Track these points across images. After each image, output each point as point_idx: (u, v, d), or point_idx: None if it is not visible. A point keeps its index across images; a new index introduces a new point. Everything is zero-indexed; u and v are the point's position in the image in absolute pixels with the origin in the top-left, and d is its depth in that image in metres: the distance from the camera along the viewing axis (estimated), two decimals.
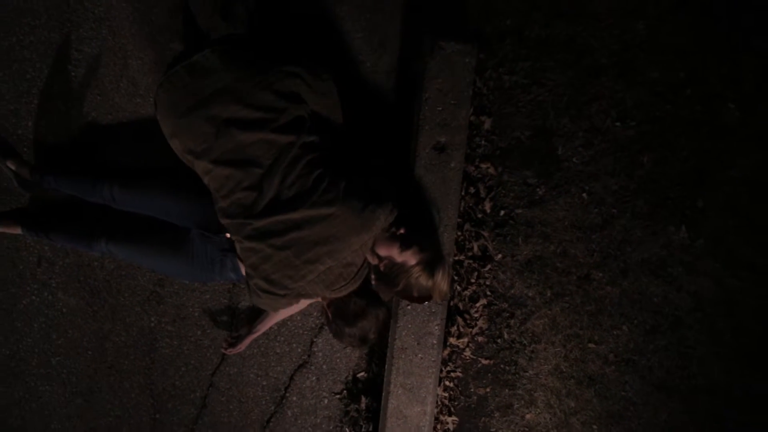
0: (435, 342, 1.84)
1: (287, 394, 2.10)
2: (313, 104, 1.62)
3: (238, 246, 1.59)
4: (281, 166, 1.51)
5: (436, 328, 1.83)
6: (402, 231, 1.58)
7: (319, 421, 2.10)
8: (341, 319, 1.70)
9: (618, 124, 2.00)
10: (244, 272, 1.73)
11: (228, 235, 1.72)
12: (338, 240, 1.52)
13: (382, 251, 1.56)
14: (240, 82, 1.55)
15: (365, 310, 1.69)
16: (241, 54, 1.62)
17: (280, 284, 1.56)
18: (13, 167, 1.91)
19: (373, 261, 1.58)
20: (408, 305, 1.83)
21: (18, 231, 1.95)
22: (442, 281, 1.65)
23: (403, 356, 1.84)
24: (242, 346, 1.97)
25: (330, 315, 1.73)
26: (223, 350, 1.98)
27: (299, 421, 2.11)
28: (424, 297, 1.69)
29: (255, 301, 1.67)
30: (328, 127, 1.66)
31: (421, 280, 1.61)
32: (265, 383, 2.10)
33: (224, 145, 1.52)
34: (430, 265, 1.62)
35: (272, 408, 2.11)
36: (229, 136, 1.51)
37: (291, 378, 2.10)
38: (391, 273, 1.56)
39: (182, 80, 1.57)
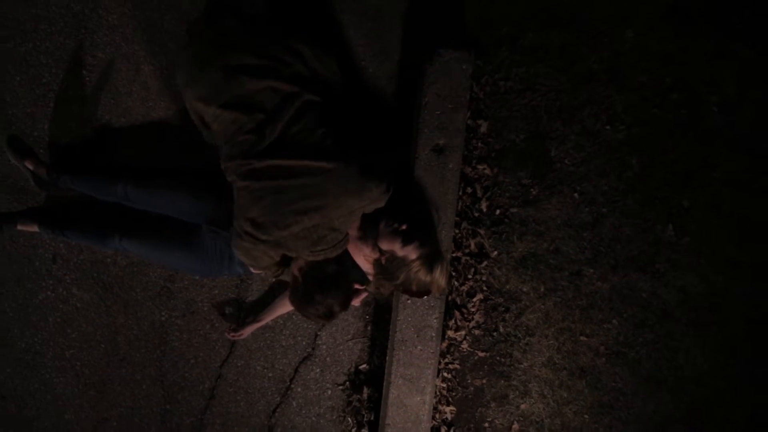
0: (434, 335, 1.91)
1: (292, 386, 2.17)
2: (317, 69, 1.66)
3: (234, 188, 1.59)
4: (285, 114, 1.53)
5: (435, 321, 1.91)
6: (404, 227, 1.65)
7: (322, 411, 2.17)
8: (314, 283, 1.64)
9: (608, 127, 2.06)
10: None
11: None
12: (328, 197, 1.52)
13: (385, 245, 1.64)
14: (254, 36, 1.63)
15: (338, 278, 1.65)
16: (259, 22, 1.74)
17: (264, 229, 1.54)
18: (31, 167, 1.98)
19: (375, 255, 1.65)
20: (408, 299, 1.91)
21: (35, 229, 2.02)
22: (440, 276, 1.73)
23: (403, 348, 1.91)
24: (246, 333, 2.04)
25: (301, 278, 1.66)
26: (227, 334, 2.05)
27: (304, 411, 2.18)
28: (423, 291, 1.76)
29: (236, 249, 1.63)
30: (332, 98, 1.68)
31: (420, 274, 1.68)
32: (271, 375, 2.17)
33: (232, 90, 1.55)
34: (429, 261, 1.69)
35: (278, 399, 2.18)
36: (238, 82, 1.55)
37: (296, 370, 2.17)
38: (392, 267, 1.63)
39: (203, 36, 1.68)
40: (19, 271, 2.11)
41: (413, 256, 1.66)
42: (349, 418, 2.14)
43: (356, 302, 1.88)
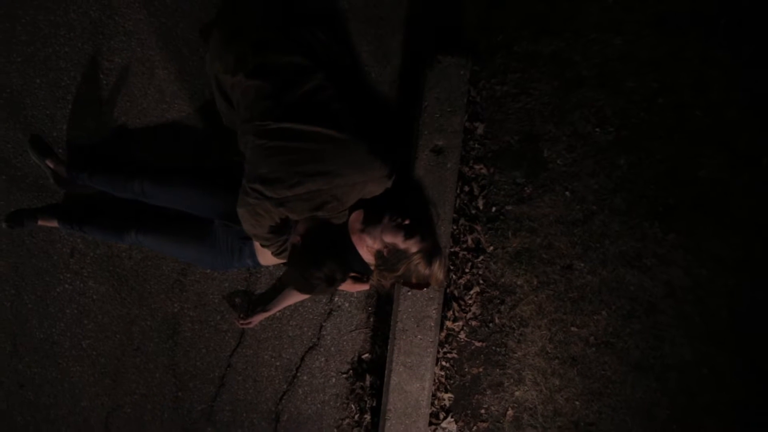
0: (433, 324, 1.99)
1: (298, 374, 2.23)
2: (331, 55, 1.79)
3: (246, 148, 1.64)
4: (304, 85, 1.61)
5: (434, 312, 1.99)
6: (407, 222, 1.73)
7: (327, 398, 2.23)
8: (315, 245, 1.67)
9: (598, 129, 2.11)
10: (259, 256, 1.88)
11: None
12: (334, 165, 1.57)
13: (388, 238, 1.72)
14: (282, 24, 1.77)
15: (338, 246, 1.69)
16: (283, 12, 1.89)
17: (271, 186, 1.57)
18: (51, 165, 2.05)
19: (378, 246, 1.73)
20: (408, 291, 1.99)
21: (54, 224, 2.09)
22: (438, 270, 1.81)
23: (404, 337, 1.99)
24: (254, 321, 2.11)
25: (303, 239, 1.67)
26: (236, 322, 2.12)
27: (309, 399, 2.24)
28: (423, 284, 1.84)
29: (241, 207, 1.65)
30: (345, 84, 1.76)
31: (420, 267, 1.77)
32: (278, 364, 2.23)
33: (256, 60, 1.64)
34: (428, 254, 1.77)
35: (285, 386, 2.24)
36: (262, 54, 1.65)
37: (302, 359, 2.23)
38: (394, 259, 1.72)
39: (232, 21, 1.82)
40: (38, 264, 2.19)
41: (414, 249, 1.75)
42: (352, 405, 2.20)
43: (355, 288, 1.96)
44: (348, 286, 1.94)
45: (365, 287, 1.96)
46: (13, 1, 2.09)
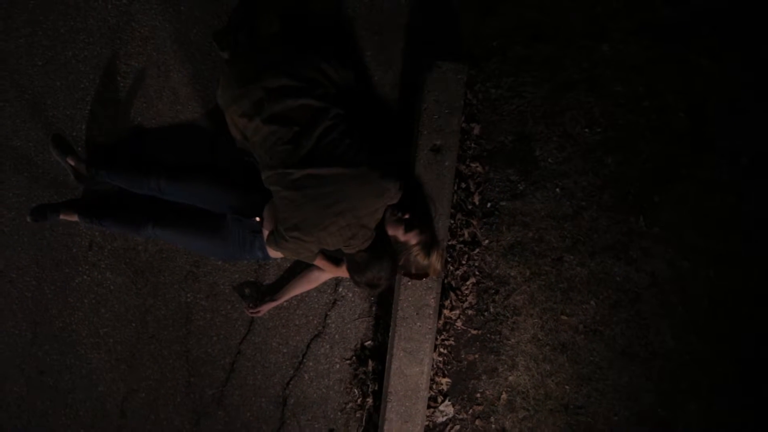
0: (431, 312, 2.12)
1: (304, 360, 2.34)
2: (339, 84, 1.89)
3: (276, 197, 1.79)
4: (317, 128, 1.74)
5: (432, 300, 2.11)
6: (407, 216, 1.86)
7: (331, 383, 2.35)
8: (354, 270, 1.89)
9: (587, 130, 2.24)
10: (266, 238, 2.00)
11: (258, 218, 2.00)
12: (356, 200, 1.75)
13: (390, 231, 1.85)
14: (288, 59, 1.84)
15: (371, 264, 1.84)
16: (287, 41, 1.96)
17: (308, 231, 1.77)
18: (72, 163, 2.17)
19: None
20: (408, 281, 2.10)
21: (75, 218, 2.21)
22: (436, 261, 1.95)
23: (404, 324, 2.11)
24: (263, 310, 2.22)
25: (347, 267, 1.92)
26: (246, 310, 2.23)
27: (314, 384, 2.35)
28: (422, 274, 1.98)
29: (282, 249, 1.84)
30: (352, 106, 1.90)
31: (419, 258, 1.90)
32: (285, 351, 2.35)
33: (272, 107, 1.76)
34: (427, 246, 1.91)
35: (291, 372, 2.35)
36: (277, 100, 1.76)
37: (308, 346, 2.34)
38: (395, 250, 1.86)
39: (242, 59, 1.89)
40: (58, 257, 2.29)
41: (413, 241, 1.89)
42: (355, 389, 2.32)
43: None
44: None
45: None
46: (36, 7, 2.21)
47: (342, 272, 2.08)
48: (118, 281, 2.31)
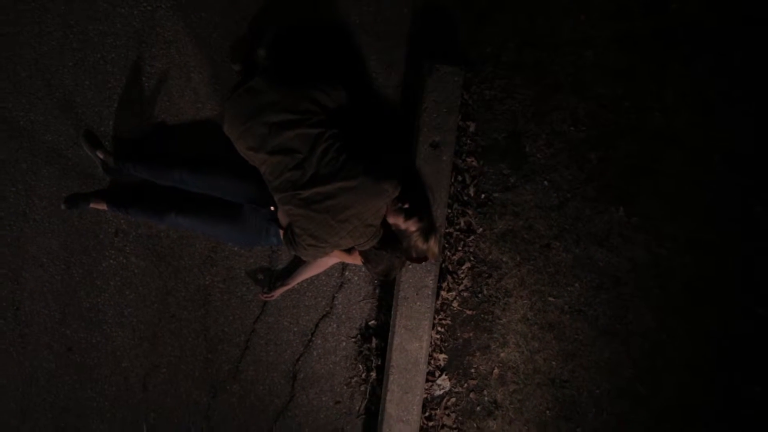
0: (430, 293, 2.29)
1: (313, 338, 2.49)
2: (332, 108, 2.06)
3: (289, 214, 2.00)
4: (317, 152, 1.94)
5: (431, 282, 2.29)
6: (407, 205, 2.03)
7: (338, 359, 2.50)
8: (368, 263, 2.12)
9: (572, 128, 2.38)
10: (282, 237, 2.16)
11: (272, 208, 2.18)
12: (360, 204, 1.95)
13: (392, 219, 2.03)
14: (284, 96, 2.00)
15: (383, 257, 2.08)
16: (280, 79, 2.08)
17: (322, 239, 1.99)
18: (101, 156, 2.33)
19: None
20: (409, 265, 2.27)
21: (104, 207, 2.37)
22: (434, 245, 2.11)
23: (405, 304, 2.29)
24: (276, 294, 2.38)
25: (363, 262, 2.15)
26: (260, 296, 2.40)
27: (322, 360, 2.51)
28: (421, 258, 2.13)
29: (301, 254, 2.07)
30: (345, 124, 2.09)
31: (418, 243, 2.07)
32: (296, 329, 2.50)
33: (275, 140, 1.95)
34: (425, 232, 2.08)
35: (301, 349, 2.50)
36: (278, 133, 1.95)
37: (316, 325, 2.49)
38: (398, 237, 2.04)
39: (243, 98, 2.03)
40: (86, 242, 2.45)
41: (413, 228, 2.05)
42: (360, 365, 2.48)
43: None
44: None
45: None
46: (67, 12, 2.37)
47: (351, 258, 2.26)
48: (141, 265, 2.46)
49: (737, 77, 2.38)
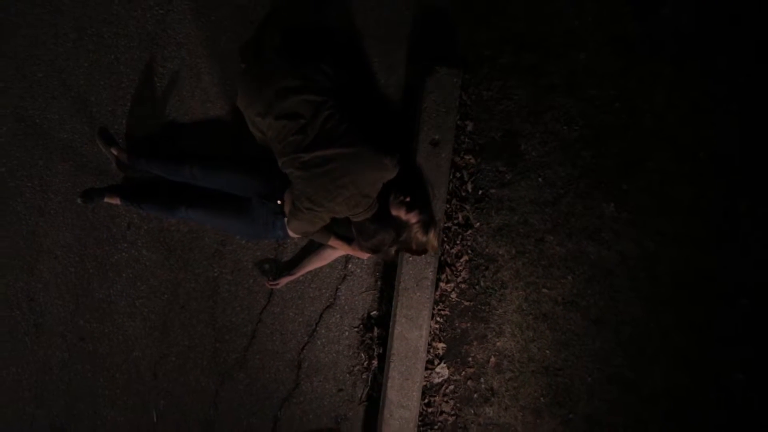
0: (429, 284, 2.38)
1: (317, 328, 2.57)
2: (335, 81, 2.14)
3: (291, 178, 2.06)
4: (319, 117, 2.01)
5: (431, 274, 2.38)
6: (408, 198, 2.13)
7: (341, 348, 2.59)
8: (360, 235, 2.15)
9: (566, 127, 2.45)
10: (287, 226, 2.24)
11: (279, 202, 2.27)
12: (358, 172, 1.99)
13: (394, 211, 2.12)
14: (292, 66, 2.12)
15: (375, 231, 2.12)
16: (290, 54, 2.21)
17: (318, 202, 2.02)
18: (115, 153, 2.42)
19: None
20: (410, 257, 2.37)
21: (117, 201, 2.46)
22: (433, 237, 2.21)
23: (405, 294, 2.38)
24: (282, 283, 2.47)
25: (355, 233, 2.18)
26: (266, 284, 2.48)
27: (326, 349, 2.59)
28: (421, 250, 2.23)
29: (299, 219, 2.07)
30: (348, 98, 2.16)
31: (418, 234, 2.16)
32: (300, 320, 2.58)
33: (281, 104, 2.02)
34: (425, 224, 2.17)
35: (306, 338, 2.58)
36: (284, 98, 2.02)
37: (320, 316, 2.57)
38: (398, 225, 2.12)
39: (254, 68, 2.17)
40: (99, 236, 2.53)
41: (414, 220, 2.14)
42: (362, 354, 2.57)
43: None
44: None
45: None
46: (82, 16, 2.46)
47: (352, 250, 2.36)
48: (152, 258, 2.55)
49: (723, 79, 2.46)
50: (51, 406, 2.63)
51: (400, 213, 2.14)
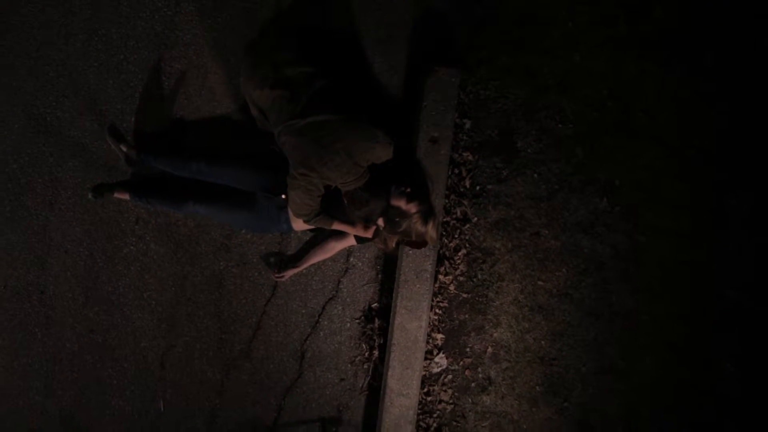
0: (428, 276, 2.46)
1: (320, 320, 2.64)
2: (329, 61, 2.26)
3: (286, 146, 2.10)
4: (312, 86, 2.10)
5: (429, 266, 2.46)
6: (409, 190, 2.20)
7: (343, 339, 2.66)
8: (351, 204, 2.16)
9: (560, 126, 2.53)
10: (293, 222, 2.30)
11: (283, 196, 2.33)
12: (349, 139, 2.03)
13: (395, 202, 2.18)
14: (288, 42, 2.25)
15: (366, 199, 2.15)
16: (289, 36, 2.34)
17: (311, 166, 2.04)
18: (124, 149, 2.50)
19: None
20: (409, 250, 2.44)
21: (126, 197, 2.53)
22: (432, 228, 2.27)
23: (405, 286, 2.46)
24: (286, 276, 2.54)
25: (346, 202, 2.18)
26: (272, 275, 2.55)
27: (328, 340, 2.66)
28: (420, 242, 2.30)
29: (293, 188, 2.09)
30: (343, 83, 2.25)
31: (418, 225, 2.23)
32: (304, 311, 2.65)
33: (277, 75, 2.13)
34: (425, 215, 2.24)
35: (309, 330, 2.65)
36: (279, 70, 2.14)
37: (323, 308, 2.64)
38: (398, 218, 2.19)
39: (256, 45, 2.31)
40: (108, 230, 2.60)
41: (413, 210, 2.21)
42: (363, 344, 2.64)
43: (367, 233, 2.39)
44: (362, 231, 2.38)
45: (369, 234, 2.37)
46: (92, 17, 2.54)
47: (354, 230, 2.38)
48: (160, 251, 2.62)
49: (711, 77, 2.54)
50: (61, 396, 2.69)
51: (401, 203, 2.21)
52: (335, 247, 2.54)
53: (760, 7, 2.55)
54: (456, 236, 2.60)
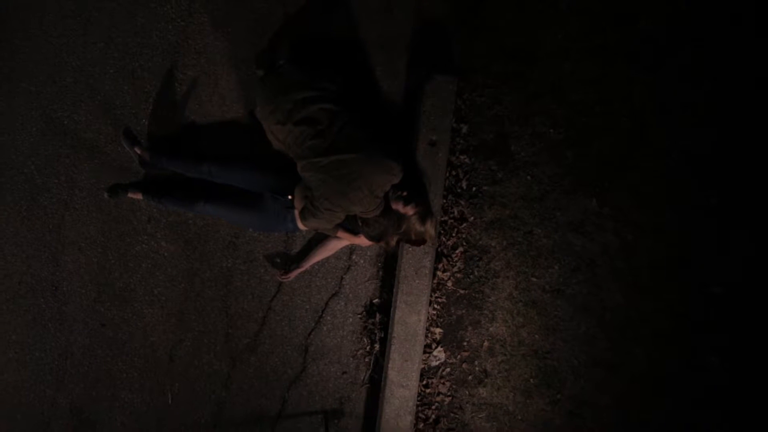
0: (427, 273, 2.57)
1: (323, 315, 2.74)
2: (343, 91, 2.33)
3: (310, 181, 2.23)
4: (336, 124, 2.20)
5: (428, 263, 2.57)
6: (405, 193, 2.31)
7: (345, 333, 2.75)
8: (367, 227, 2.34)
9: (552, 130, 2.63)
10: (298, 214, 2.40)
11: (290, 197, 2.46)
12: (370, 175, 2.17)
13: (393, 205, 2.31)
14: (305, 76, 2.30)
15: (380, 222, 2.30)
16: (300, 66, 2.40)
17: (336, 203, 2.19)
18: (138, 152, 2.61)
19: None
20: (409, 248, 2.55)
21: (139, 197, 2.64)
22: (430, 227, 2.39)
23: (405, 282, 2.56)
24: (292, 276, 2.64)
25: (361, 224, 2.35)
26: (278, 277, 2.66)
27: (331, 334, 2.75)
28: (419, 240, 2.41)
29: (318, 218, 2.23)
30: (360, 108, 2.35)
31: (416, 225, 2.35)
32: (308, 307, 2.75)
33: (300, 113, 2.21)
34: (422, 216, 2.36)
35: (312, 324, 2.75)
36: (303, 107, 2.22)
37: (326, 303, 2.74)
38: (397, 218, 2.31)
39: (270, 80, 2.34)
40: (120, 229, 2.71)
41: (411, 212, 2.33)
42: (364, 339, 2.74)
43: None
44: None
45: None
46: (110, 26, 2.68)
47: (356, 240, 2.56)
48: (171, 249, 2.72)
49: (696, 83, 2.65)
50: (71, 389, 2.78)
51: (399, 206, 2.34)
52: (338, 245, 2.65)
53: (738, 13, 2.65)
54: (453, 235, 2.70)
